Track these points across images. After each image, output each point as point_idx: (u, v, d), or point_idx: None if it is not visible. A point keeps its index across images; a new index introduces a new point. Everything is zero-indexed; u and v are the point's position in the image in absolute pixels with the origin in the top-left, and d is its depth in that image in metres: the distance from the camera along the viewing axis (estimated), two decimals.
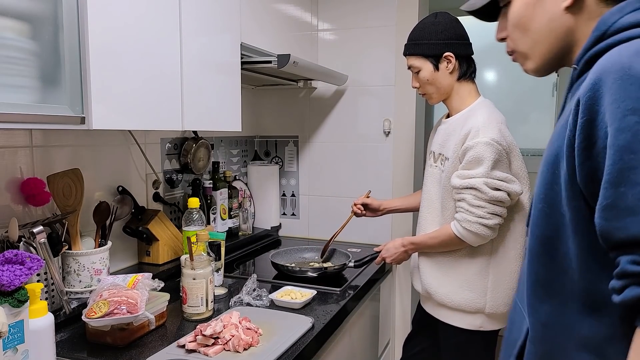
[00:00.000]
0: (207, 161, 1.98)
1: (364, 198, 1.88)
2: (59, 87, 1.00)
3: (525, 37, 0.81)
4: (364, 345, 1.85)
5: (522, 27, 0.81)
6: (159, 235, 1.66)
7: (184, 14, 1.32)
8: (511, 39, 0.84)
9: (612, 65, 0.64)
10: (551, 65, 0.82)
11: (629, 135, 0.60)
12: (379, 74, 2.23)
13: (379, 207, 1.87)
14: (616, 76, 0.62)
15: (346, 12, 2.25)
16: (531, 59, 0.82)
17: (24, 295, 0.95)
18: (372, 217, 1.91)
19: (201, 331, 1.17)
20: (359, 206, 1.87)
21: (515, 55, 0.86)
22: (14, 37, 0.92)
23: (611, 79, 0.63)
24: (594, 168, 0.65)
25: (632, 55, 0.63)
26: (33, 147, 1.32)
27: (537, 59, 0.82)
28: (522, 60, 0.84)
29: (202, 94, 1.42)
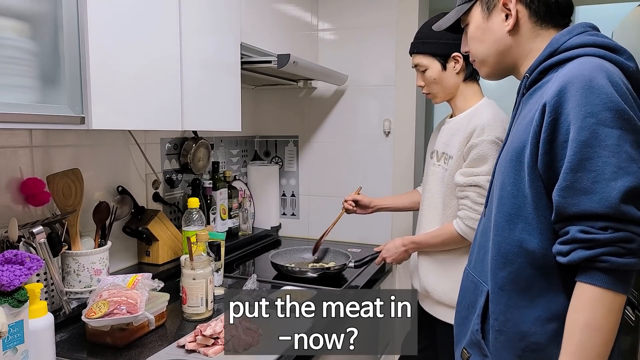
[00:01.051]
0: (207, 161, 1.98)
1: (354, 194, 1.88)
2: (59, 87, 1.00)
3: (480, 50, 1.02)
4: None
5: (479, 42, 1.02)
6: (158, 235, 1.66)
7: (184, 14, 1.32)
8: (471, 50, 1.05)
9: (575, 77, 0.80)
10: (500, 73, 1.04)
11: (588, 133, 0.76)
12: (379, 74, 2.22)
13: (370, 204, 1.86)
14: (579, 86, 0.79)
15: (346, 12, 2.25)
16: (485, 67, 1.04)
17: (24, 295, 0.95)
18: (363, 214, 1.90)
19: (201, 331, 1.17)
20: (350, 202, 1.86)
21: (475, 64, 1.07)
22: (14, 37, 0.92)
23: (575, 87, 0.79)
24: (553, 157, 0.82)
25: (592, 70, 0.80)
26: (33, 147, 1.31)
27: (489, 68, 1.03)
28: (479, 67, 1.06)
29: (202, 93, 1.42)
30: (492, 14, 0.98)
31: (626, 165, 0.75)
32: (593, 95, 0.77)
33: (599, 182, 0.75)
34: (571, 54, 0.86)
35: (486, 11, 0.99)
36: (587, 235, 0.76)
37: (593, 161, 0.76)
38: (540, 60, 0.91)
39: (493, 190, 0.99)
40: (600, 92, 0.77)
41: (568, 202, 0.78)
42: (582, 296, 0.79)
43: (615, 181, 0.75)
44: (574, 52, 0.86)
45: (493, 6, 0.97)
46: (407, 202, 1.85)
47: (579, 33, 0.89)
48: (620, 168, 0.75)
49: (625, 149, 0.76)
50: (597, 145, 0.76)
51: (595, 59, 0.83)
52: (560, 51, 0.88)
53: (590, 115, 0.77)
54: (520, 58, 0.98)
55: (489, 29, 0.99)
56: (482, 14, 0.99)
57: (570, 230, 0.79)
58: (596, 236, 0.76)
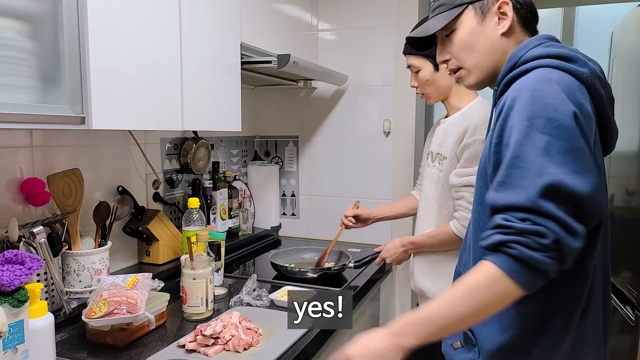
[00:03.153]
0: (207, 161, 1.98)
1: (353, 209, 1.86)
2: (59, 87, 1.00)
3: (471, 57, 1.01)
4: None
5: (469, 49, 1.01)
6: (159, 235, 1.66)
7: (184, 14, 1.32)
8: (457, 58, 1.03)
9: (522, 87, 0.86)
10: (488, 80, 1.03)
11: (522, 134, 0.82)
12: (379, 74, 2.22)
13: (369, 216, 1.85)
14: (525, 96, 0.85)
15: (346, 12, 2.25)
16: (474, 74, 1.03)
17: (24, 295, 0.95)
18: (362, 227, 1.88)
19: (201, 331, 1.17)
20: (349, 218, 1.84)
21: (460, 73, 1.04)
22: (14, 37, 0.92)
23: (521, 97, 0.85)
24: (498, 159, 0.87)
25: (537, 82, 0.86)
26: (33, 147, 1.32)
27: (479, 74, 1.02)
28: (466, 76, 1.04)
29: (202, 94, 1.42)
30: (486, 18, 0.98)
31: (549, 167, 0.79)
32: (533, 103, 0.83)
33: (524, 178, 0.80)
34: (528, 66, 0.90)
35: (480, 15, 0.99)
36: (506, 222, 0.80)
37: (522, 159, 0.81)
38: (504, 74, 0.95)
39: None
40: (539, 101, 0.83)
41: (499, 195, 0.83)
42: (483, 271, 0.82)
43: (538, 178, 0.79)
44: (530, 64, 0.90)
45: (487, 9, 0.98)
46: (405, 208, 1.85)
47: (535, 46, 0.93)
48: (544, 167, 0.79)
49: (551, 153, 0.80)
50: (527, 145, 0.81)
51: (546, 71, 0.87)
52: (519, 64, 0.92)
53: (526, 119, 0.82)
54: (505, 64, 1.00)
55: (484, 32, 0.99)
56: (476, 17, 0.99)
57: (495, 218, 0.83)
58: (513, 224, 0.79)
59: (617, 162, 2.05)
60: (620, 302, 1.83)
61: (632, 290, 1.75)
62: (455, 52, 1.02)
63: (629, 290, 1.78)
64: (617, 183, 2.04)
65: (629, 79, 1.93)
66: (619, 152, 2.05)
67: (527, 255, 0.78)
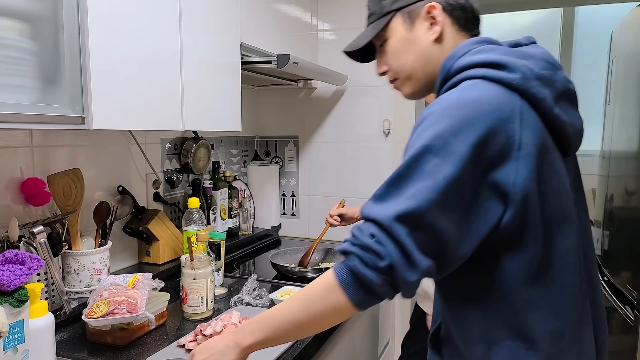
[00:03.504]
0: (207, 161, 1.99)
1: (338, 208, 1.85)
2: (59, 87, 1.00)
3: (403, 66, 0.95)
4: (364, 344, 1.85)
5: (400, 58, 0.94)
6: (159, 235, 1.66)
7: (184, 14, 1.32)
8: (392, 69, 0.97)
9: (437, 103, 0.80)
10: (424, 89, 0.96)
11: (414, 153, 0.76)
12: None
13: (354, 214, 1.83)
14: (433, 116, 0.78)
15: (346, 12, 2.25)
16: (409, 84, 0.96)
17: (24, 295, 0.95)
18: (347, 225, 1.86)
19: (201, 331, 1.17)
20: (335, 217, 1.83)
21: (396, 83, 0.98)
22: (14, 37, 0.92)
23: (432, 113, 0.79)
24: None
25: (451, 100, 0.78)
26: (33, 147, 1.32)
27: (413, 84, 0.96)
28: (401, 86, 0.98)
29: (202, 94, 1.42)
30: (416, 24, 0.92)
31: (424, 192, 0.73)
32: (436, 124, 0.76)
33: (396, 197, 0.75)
34: (455, 79, 0.84)
35: (409, 21, 0.92)
36: (357, 232, 0.77)
37: (403, 179, 0.76)
38: (438, 87, 0.90)
39: None
40: (443, 122, 0.76)
41: (367, 205, 0.78)
42: (323, 278, 0.80)
43: (407, 201, 0.73)
44: (457, 77, 0.84)
45: (416, 15, 0.92)
46: None
47: (463, 54, 0.86)
48: (419, 192, 0.73)
49: (436, 178, 0.73)
50: (414, 166, 0.75)
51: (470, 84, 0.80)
52: (449, 77, 0.86)
53: (423, 139, 0.76)
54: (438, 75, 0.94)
55: (414, 39, 0.92)
56: (404, 24, 0.93)
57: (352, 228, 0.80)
58: (361, 237, 0.76)
59: (617, 162, 2.05)
60: (620, 302, 1.83)
61: (631, 290, 1.75)
62: (389, 62, 0.96)
63: (628, 291, 1.78)
64: (617, 183, 2.04)
65: (628, 79, 1.93)
66: (619, 152, 2.05)
67: (360, 270, 0.74)
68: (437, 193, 0.73)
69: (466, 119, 0.75)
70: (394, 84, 0.99)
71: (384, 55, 0.97)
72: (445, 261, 0.76)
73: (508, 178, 0.75)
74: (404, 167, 0.76)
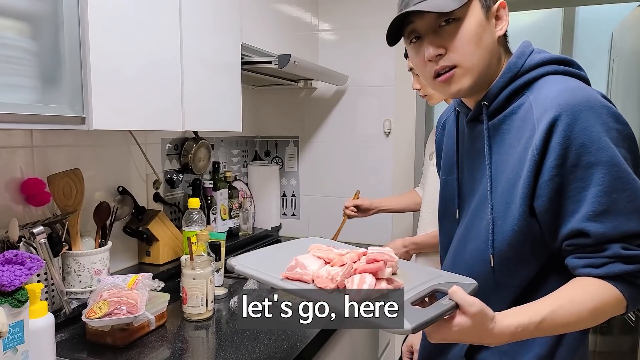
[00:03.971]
0: (207, 161, 1.98)
1: (354, 199, 1.87)
2: (59, 87, 1.00)
3: (475, 53, 0.85)
4: (365, 345, 1.85)
5: (476, 42, 0.84)
6: (159, 235, 1.66)
7: (185, 14, 1.32)
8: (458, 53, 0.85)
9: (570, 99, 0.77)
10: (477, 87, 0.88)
11: (608, 152, 0.74)
12: (379, 74, 2.22)
13: (370, 206, 1.86)
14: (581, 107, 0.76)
15: (346, 12, 2.25)
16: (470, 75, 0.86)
17: (24, 295, 0.95)
18: (364, 217, 1.89)
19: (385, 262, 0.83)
20: (351, 208, 1.85)
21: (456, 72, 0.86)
22: (14, 36, 0.92)
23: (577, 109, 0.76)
24: (563, 182, 0.78)
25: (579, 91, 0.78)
26: (33, 147, 1.31)
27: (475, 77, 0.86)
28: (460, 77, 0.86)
29: (203, 94, 1.42)
30: (489, 15, 0.86)
31: None
32: (600, 114, 0.76)
33: (634, 201, 0.75)
34: (535, 74, 0.84)
35: (485, 8, 0.85)
36: (627, 252, 0.76)
37: (623, 180, 0.75)
38: (502, 86, 0.86)
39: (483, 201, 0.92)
40: (604, 111, 0.76)
41: (607, 226, 0.76)
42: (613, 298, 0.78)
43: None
44: (536, 71, 0.84)
45: (490, 6, 0.86)
46: (408, 202, 1.85)
47: (531, 52, 0.87)
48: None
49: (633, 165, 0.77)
50: (619, 164, 0.75)
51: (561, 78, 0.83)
52: (521, 73, 0.85)
53: (604, 134, 0.75)
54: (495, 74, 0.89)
55: (489, 30, 0.85)
56: (483, 10, 0.85)
57: (610, 247, 0.77)
58: (638, 252, 0.76)
59: None
60: None
61: None
62: (458, 46, 0.84)
63: None
64: None
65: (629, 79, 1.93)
66: None
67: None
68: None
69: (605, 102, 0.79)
70: (445, 76, 0.86)
71: (446, 36, 0.84)
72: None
73: None
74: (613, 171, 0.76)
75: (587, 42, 3.04)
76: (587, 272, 0.79)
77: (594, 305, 0.78)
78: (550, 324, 0.77)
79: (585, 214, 0.77)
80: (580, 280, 0.80)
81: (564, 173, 0.77)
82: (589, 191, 0.76)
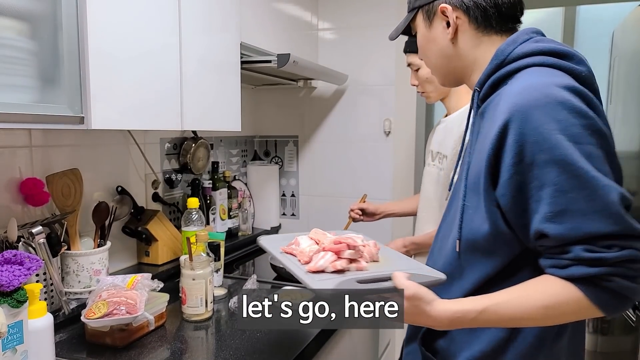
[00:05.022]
0: (206, 161, 1.98)
1: (360, 203, 1.87)
2: (58, 87, 0.99)
3: (427, 60, 1.00)
4: (365, 345, 1.85)
5: (423, 53, 1.00)
6: (158, 235, 1.66)
7: (184, 14, 1.32)
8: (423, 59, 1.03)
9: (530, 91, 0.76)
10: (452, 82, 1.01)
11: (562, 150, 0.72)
12: (379, 73, 2.22)
13: (376, 211, 1.86)
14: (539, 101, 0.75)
15: (346, 11, 2.24)
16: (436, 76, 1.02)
17: (23, 295, 0.95)
18: (369, 221, 1.89)
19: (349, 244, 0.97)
20: (356, 211, 1.85)
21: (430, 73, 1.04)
22: (13, 36, 0.91)
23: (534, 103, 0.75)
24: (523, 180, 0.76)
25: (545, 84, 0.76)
26: (32, 147, 1.31)
27: (439, 77, 1.02)
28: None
29: (202, 93, 1.42)
30: (434, 23, 0.94)
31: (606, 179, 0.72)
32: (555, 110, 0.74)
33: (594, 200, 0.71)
34: (519, 64, 0.83)
35: (427, 20, 0.95)
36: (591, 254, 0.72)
37: (581, 179, 0.72)
38: (488, 73, 0.87)
39: None
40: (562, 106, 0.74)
41: (565, 227, 0.72)
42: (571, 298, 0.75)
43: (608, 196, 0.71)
44: (521, 62, 0.83)
45: (433, 14, 0.93)
46: (413, 206, 1.85)
47: (524, 41, 0.85)
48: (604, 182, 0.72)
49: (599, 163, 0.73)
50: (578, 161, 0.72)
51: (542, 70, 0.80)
52: (507, 62, 0.85)
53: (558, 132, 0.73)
54: (466, 68, 0.94)
55: (433, 38, 0.95)
56: (424, 22, 0.95)
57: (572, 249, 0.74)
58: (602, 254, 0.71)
59: None
60: None
61: None
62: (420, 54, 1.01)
63: None
64: None
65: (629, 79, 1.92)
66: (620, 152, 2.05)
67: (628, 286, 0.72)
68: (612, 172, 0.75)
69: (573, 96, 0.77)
70: None
71: None
72: None
73: None
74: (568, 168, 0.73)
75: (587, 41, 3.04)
76: (552, 273, 0.78)
77: (547, 304, 0.76)
78: (493, 316, 0.78)
79: (544, 214, 0.74)
80: (544, 278, 0.79)
81: (523, 171, 0.76)
82: (545, 191, 0.74)
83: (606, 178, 0.72)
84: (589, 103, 0.76)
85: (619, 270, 0.71)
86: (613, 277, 0.72)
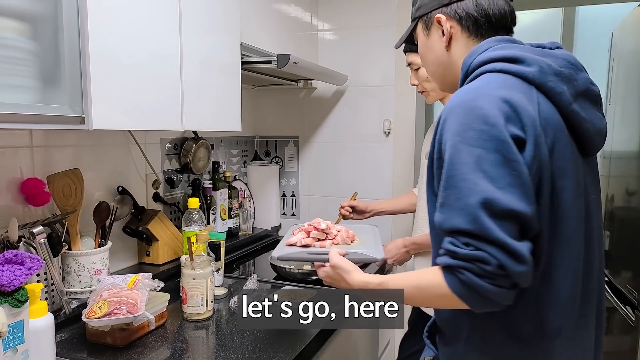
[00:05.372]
0: (207, 161, 1.98)
1: (351, 200, 1.87)
2: (59, 87, 1.00)
3: (426, 67, 1.07)
4: (364, 345, 1.85)
5: (424, 60, 1.06)
6: (158, 235, 1.66)
7: (184, 14, 1.32)
8: None
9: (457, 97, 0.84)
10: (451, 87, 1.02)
11: (453, 150, 0.80)
12: (379, 74, 2.22)
13: (366, 209, 1.85)
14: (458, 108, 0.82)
15: (346, 12, 2.25)
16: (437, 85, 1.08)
17: (24, 295, 0.95)
18: (360, 219, 1.89)
19: (315, 227, 1.28)
20: (347, 208, 1.85)
21: None
22: (14, 37, 0.92)
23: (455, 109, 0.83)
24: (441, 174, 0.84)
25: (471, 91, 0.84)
26: (33, 147, 1.31)
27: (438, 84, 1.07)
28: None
29: (202, 94, 1.42)
30: (431, 31, 1.00)
31: (480, 183, 0.76)
32: (465, 115, 0.81)
33: (460, 199, 0.78)
34: (476, 72, 0.89)
35: (425, 29, 1.01)
36: (452, 247, 0.79)
37: (455, 178, 0.79)
38: (460, 83, 0.94)
39: None
40: (471, 112, 0.80)
41: (442, 217, 0.81)
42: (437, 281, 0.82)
43: (470, 197, 0.77)
44: (477, 71, 0.89)
45: (430, 24, 0.99)
46: (404, 204, 1.85)
47: (484, 50, 0.90)
48: (475, 185, 0.77)
49: (484, 168, 0.77)
50: (459, 162, 0.79)
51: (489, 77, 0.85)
52: (470, 71, 0.91)
53: (457, 134, 0.80)
54: None
55: (430, 46, 1.01)
56: (423, 31, 1.02)
57: (444, 239, 0.81)
58: (458, 249, 0.78)
59: (617, 162, 2.04)
60: (621, 302, 1.83)
61: (632, 290, 1.75)
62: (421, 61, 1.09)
63: (629, 291, 1.78)
64: (617, 183, 2.04)
65: (629, 79, 1.93)
66: (619, 152, 2.05)
67: (474, 282, 0.76)
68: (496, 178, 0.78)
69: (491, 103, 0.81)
70: None
71: None
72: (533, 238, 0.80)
73: None
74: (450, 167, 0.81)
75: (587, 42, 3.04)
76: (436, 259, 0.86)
77: (417, 284, 0.87)
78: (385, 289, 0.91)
79: (438, 204, 0.84)
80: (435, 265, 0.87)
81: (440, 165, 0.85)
82: (440, 184, 0.83)
83: (480, 182, 0.77)
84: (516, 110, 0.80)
85: (469, 266, 0.77)
86: (464, 271, 0.78)
